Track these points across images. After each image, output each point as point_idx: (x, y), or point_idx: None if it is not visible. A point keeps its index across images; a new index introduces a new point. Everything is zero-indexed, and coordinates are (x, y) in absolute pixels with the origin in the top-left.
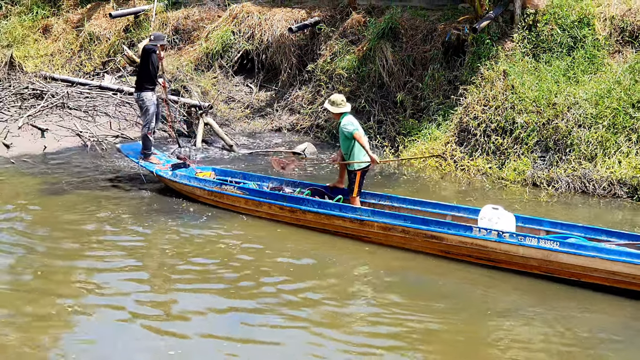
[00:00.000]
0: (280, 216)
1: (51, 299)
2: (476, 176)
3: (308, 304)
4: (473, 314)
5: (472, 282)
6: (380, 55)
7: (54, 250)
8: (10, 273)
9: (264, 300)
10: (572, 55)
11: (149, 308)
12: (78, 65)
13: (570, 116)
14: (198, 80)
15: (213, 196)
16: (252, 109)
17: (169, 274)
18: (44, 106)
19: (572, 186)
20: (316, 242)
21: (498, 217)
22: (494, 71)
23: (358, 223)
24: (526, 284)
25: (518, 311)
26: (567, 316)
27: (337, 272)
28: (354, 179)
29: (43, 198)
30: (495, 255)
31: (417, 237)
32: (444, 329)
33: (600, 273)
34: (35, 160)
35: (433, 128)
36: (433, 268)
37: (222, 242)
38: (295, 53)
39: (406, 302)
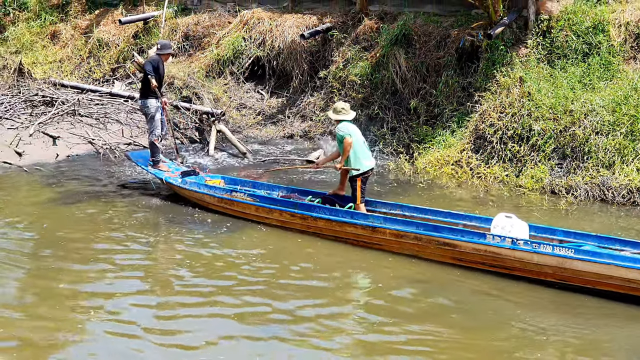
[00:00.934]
0: (291, 223)
1: (56, 321)
2: (493, 184)
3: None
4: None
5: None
6: (394, 62)
7: (61, 265)
8: (15, 287)
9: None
10: (587, 61)
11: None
12: (87, 72)
13: (588, 123)
14: (209, 87)
15: (223, 203)
16: (264, 115)
17: (189, 291)
18: (54, 113)
19: (590, 194)
20: (338, 252)
21: (511, 225)
22: (510, 78)
23: (370, 230)
24: (543, 293)
25: (539, 324)
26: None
27: (369, 286)
28: (355, 185)
29: (54, 208)
30: (509, 262)
31: (430, 244)
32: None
33: (616, 280)
34: (47, 169)
35: (447, 135)
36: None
37: (244, 256)
38: (306, 59)
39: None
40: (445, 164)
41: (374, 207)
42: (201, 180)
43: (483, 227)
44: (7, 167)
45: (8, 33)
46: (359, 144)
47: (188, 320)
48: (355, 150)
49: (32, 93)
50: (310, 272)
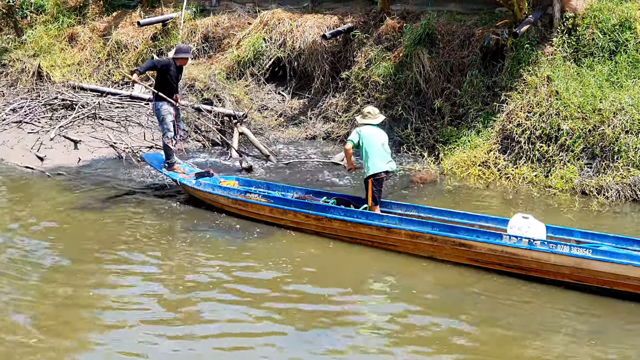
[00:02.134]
0: (305, 224)
1: (74, 325)
2: (522, 185)
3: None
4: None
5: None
6: (417, 62)
7: (80, 273)
8: (34, 292)
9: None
10: (615, 59)
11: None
12: (106, 75)
13: (617, 122)
14: (230, 88)
15: (237, 204)
16: (286, 117)
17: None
18: (75, 117)
19: (622, 194)
20: (373, 257)
21: (528, 226)
22: (537, 77)
23: (385, 231)
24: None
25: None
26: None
27: (407, 295)
28: (366, 187)
29: (76, 213)
30: (526, 263)
31: (446, 245)
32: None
33: (634, 281)
34: (70, 173)
35: (472, 135)
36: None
37: (276, 263)
38: (328, 60)
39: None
40: (472, 165)
41: (389, 208)
42: (215, 182)
43: (500, 228)
44: (29, 172)
45: (26, 36)
46: (375, 147)
47: (219, 324)
48: (369, 151)
49: (52, 96)
50: (350, 279)
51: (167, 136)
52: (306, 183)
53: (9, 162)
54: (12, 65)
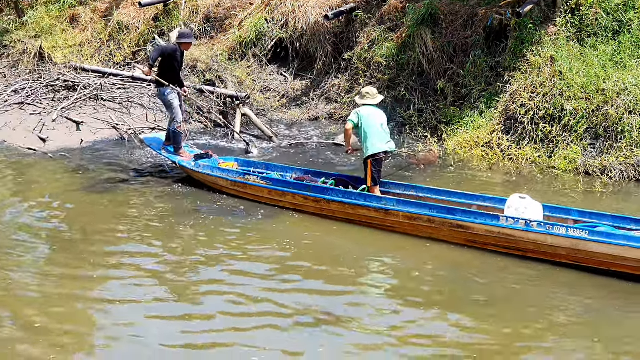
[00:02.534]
0: (304, 206)
1: (75, 309)
2: (525, 165)
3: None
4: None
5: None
6: (420, 42)
7: (82, 253)
8: (36, 274)
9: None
10: (618, 39)
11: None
12: (107, 56)
13: (620, 102)
14: (232, 69)
15: (236, 186)
16: (288, 98)
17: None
18: (77, 98)
19: (625, 174)
20: (376, 238)
21: (525, 206)
22: (541, 57)
23: (383, 213)
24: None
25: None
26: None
27: (408, 274)
28: (365, 167)
29: (79, 195)
30: (523, 244)
31: (443, 227)
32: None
33: (631, 262)
34: (72, 154)
35: (475, 116)
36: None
37: (280, 244)
38: (330, 41)
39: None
40: (475, 146)
41: (387, 188)
42: (214, 163)
43: (497, 208)
44: (32, 153)
45: (27, 17)
46: (375, 127)
47: (225, 306)
48: (368, 132)
49: (54, 78)
50: (354, 261)
51: (176, 121)
52: (309, 164)
53: (12, 143)
54: (13, 47)
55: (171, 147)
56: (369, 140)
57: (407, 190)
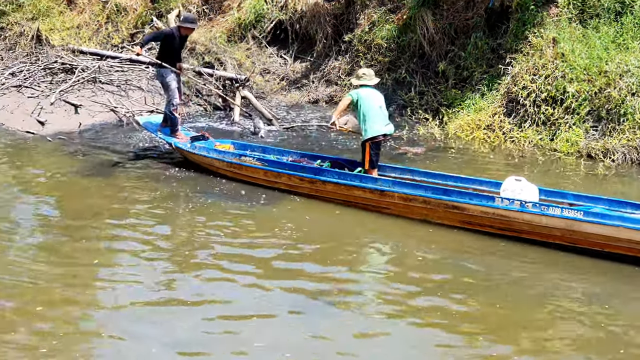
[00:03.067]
0: (300, 187)
1: (73, 292)
2: (527, 148)
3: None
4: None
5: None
6: (421, 24)
7: (80, 238)
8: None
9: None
10: (620, 21)
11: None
12: (105, 38)
13: (623, 84)
14: (232, 52)
15: (232, 167)
16: (288, 80)
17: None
18: (75, 81)
19: (628, 157)
20: (379, 223)
21: (521, 188)
22: (543, 39)
23: (378, 194)
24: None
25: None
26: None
27: (412, 259)
28: (364, 150)
29: (78, 178)
30: (517, 225)
31: (439, 208)
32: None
33: (625, 243)
34: (71, 138)
35: (477, 98)
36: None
37: (282, 227)
38: (330, 23)
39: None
40: (477, 128)
41: (383, 171)
42: (210, 145)
43: (493, 191)
44: (30, 137)
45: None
46: (374, 109)
47: (226, 291)
48: (367, 114)
49: (51, 60)
50: (357, 246)
51: (172, 103)
52: (309, 147)
53: (10, 126)
54: (10, 29)
55: (167, 129)
56: (368, 122)
57: (403, 173)
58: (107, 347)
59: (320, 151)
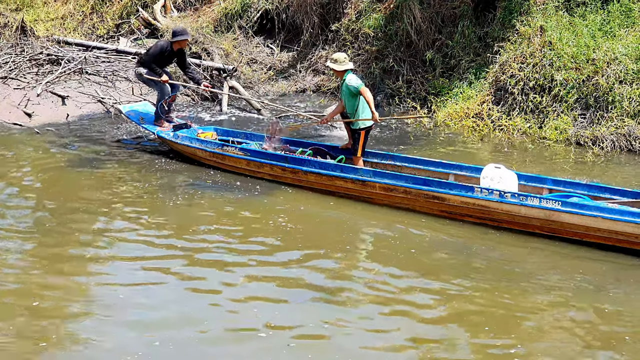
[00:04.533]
0: (282, 177)
1: (64, 292)
2: (516, 136)
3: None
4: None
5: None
6: (408, 13)
7: (71, 231)
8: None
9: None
10: (607, 8)
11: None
12: (90, 29)
13: (611, 72)
14: (219, 42)
15: (215, 157)
16: (275, 70)
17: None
18: (61, 72)
19: (617, 145)
20: (374, 213)
21: (500, 176)
22: (530, 27)
23: (360, 184)
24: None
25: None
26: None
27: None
28: (358, 138)
29: (67, 170)
30: (497, 215)
31: (419, 198)
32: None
33: (603, 233)
34: (59, 129)
35: (465, 87)
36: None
37: (276, 221)
38: (317, 12)
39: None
40: (465, 117)
41: (365, 157)
42: (193, 134)
43: (473, 177)
44: (18, 128)
45: None
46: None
47: (219, 282)
48: (365, 104)
49: (37, 51)
50: (350, 238)
51: (164, 96)
52: (296, 136)
53: None
54: None
55: (152, 117)
56: (365, 112)
57: (385, 159)
58: (97, 342)
59: (309, 139)
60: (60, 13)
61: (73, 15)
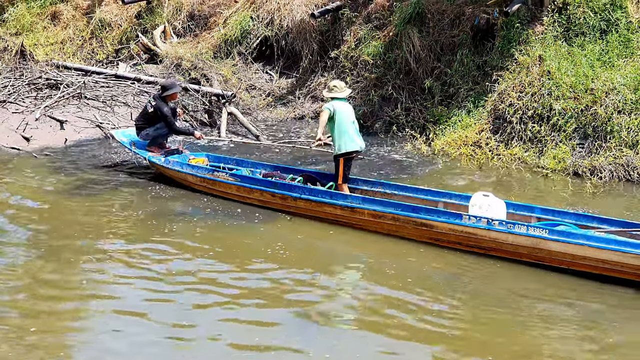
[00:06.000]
0: (272, 203)
1: (55, 315)
2: (514, 165)
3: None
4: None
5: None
6: (407, 41)
7: (67, 259)
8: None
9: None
10: (606, 39)
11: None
12: (90, 53)
13: (609, 102)
14: (218, 68)
15: (205, 183)
16: (274, 96)
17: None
18: (60, 96)
19: (615, 175)
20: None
21: (489, 204)
22: (529, 56)
23: (349, 210)
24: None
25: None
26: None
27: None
28: (337, 165)
29: (62, 196)
30: (484, 243)
31: (407, 225)
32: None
33: (589, 261)
34: (56, 154)
35: (463, 115)
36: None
37: (274, 249)
38: (316, 39)
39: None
40: (463, 145)
41: (355, 184)
42: (185, 159)
43: (462, 205)
44: (16, 153)
45: (8, 14)
46: (346, 124)
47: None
48: (341, 128)
49: (36, 76)
50: (349, 266)
51: (156, 142)
52: (289, 161)
53: None
54: None
55: (144, 142)
56: (342, 138)
57: (374, 186)
58: None
59: (304, 165)
60: (60, 38)
61: (72, 40)
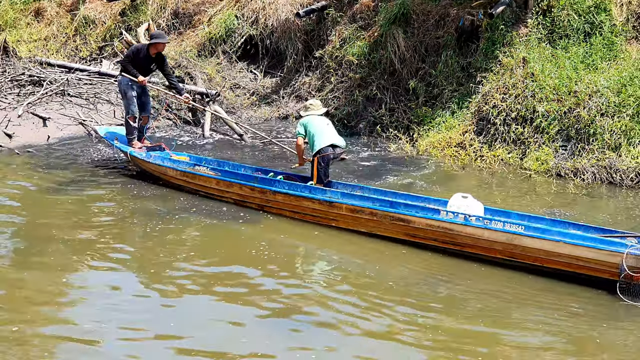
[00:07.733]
0: (250, 197)
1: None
2: (497, 166)
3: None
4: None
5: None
6: (392, 42)
7: (47, 256)
8: None
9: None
10: (589, 41)
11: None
12: (73, 50)
13: (592, 104)
14: (202, 66)
15: (185, 177)
16: (258, 96)
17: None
18: (43, 93)
19: (598, 177)
20: (360, 244)
21: (467, 205)
22: (513, 58)
23: (327, 205)
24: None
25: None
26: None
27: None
28: (312, 165)
29: (46, 193)
30: (460, 238)
31: (385, 220)
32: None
33: (564, 258)
34: (39, 151)
35: (447, 116)
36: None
37: (257, 249)
38: (301, 38)
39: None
40: (447, 146)
41: (335, 188)
42: (166, 156)
43: (440, 208)
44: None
45: None
46: (319, 127)
47: (196, 314)
48: (314, 132)
49: (19, 72)
50: (328, 269)
51: (128, 111)
52: (275, 164)
53: None
54: None
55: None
56: (316, 138)
57: (354, 190)
58: None
59: (285, 168)
60: (44, 34)
61: (56, 36)
